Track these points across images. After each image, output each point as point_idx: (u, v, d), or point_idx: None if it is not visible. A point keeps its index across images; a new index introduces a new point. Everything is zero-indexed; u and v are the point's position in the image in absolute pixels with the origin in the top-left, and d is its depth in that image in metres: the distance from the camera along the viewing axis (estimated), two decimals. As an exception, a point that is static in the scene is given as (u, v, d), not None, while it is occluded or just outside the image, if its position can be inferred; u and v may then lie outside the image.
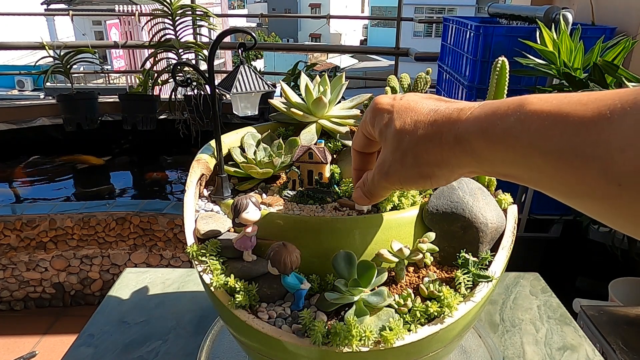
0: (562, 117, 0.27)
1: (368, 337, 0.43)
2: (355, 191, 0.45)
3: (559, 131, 0.27)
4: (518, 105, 0.30)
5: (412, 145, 0.36)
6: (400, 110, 0.38)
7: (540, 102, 0.29)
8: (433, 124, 0.35)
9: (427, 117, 0.36)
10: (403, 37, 3.07)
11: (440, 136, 0.34)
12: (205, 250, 0.51)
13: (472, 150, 0.32)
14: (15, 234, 2.18)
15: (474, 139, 0.32)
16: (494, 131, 0.31)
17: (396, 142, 0.37)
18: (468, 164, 0.34)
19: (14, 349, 2.00)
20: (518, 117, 0.29)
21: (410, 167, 0.37)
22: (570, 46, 1.51)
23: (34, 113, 3.14)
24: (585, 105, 0.27)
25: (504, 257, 0.52)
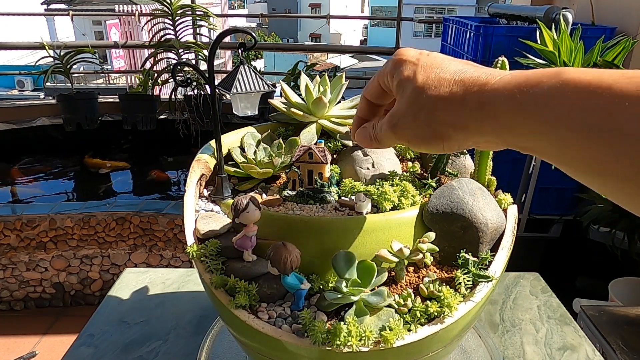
0: (602, 89, 0.25)
1: (368, 337, 0.43)
2: (359, 131, 0.42)
3: (597, 103, 0.25)
4: (554, 73, 0.28)
5: (431, 102, 0.34)
6: (426, 65, 0.36)
7: (578, 72, 0.27)
8: (458, 83, 0.33)
9: (453, 76, 0.34)
10: (403, 37, 3.07)
11: (463, 97, 0.32)
12: (205, 250, 0.51)
13: (496, 116, 0.31)
14: (15, 234, 2.18)
15: (500, 104, 0.30)
16: (524, 98, 0.29)
17: (414, 96, 0.35)
18: (488, 131, 0.32)
19: (14, 349, 2.00)
20: (553, 85, 0.27)
21: (424, 124, 0.35)
22: (570, 46, 1.51)
23: (34, 113, 3.14)
24: (629, 79, 0.25)
25: (504, 257, 0.52)
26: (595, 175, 0.27)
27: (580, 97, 0.26)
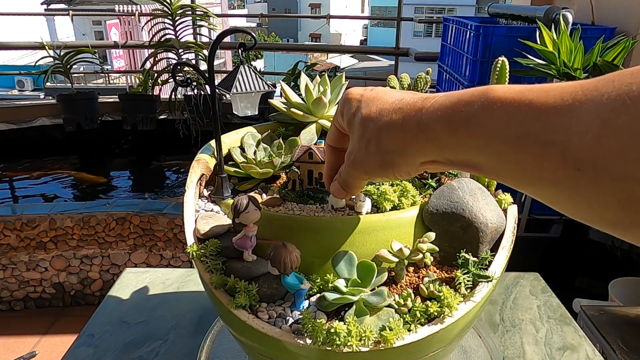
0: (524, 103, 0.27)
1: (368, 337, 0.43)
2: (332, 185, 0.45)
3: (520, 117, 0.27)
4: (482, 93, 0.30)
5: (375, 132, 0.36)
6: (368, 100, 0.38)
7: (503, 89, 0.29)
8: (397, 112, 0.35)
9: (392, 106, 0.36)
10: (403, 37, 3.07)
11: (402, 123, 0.34)
12: (205, 250, 0.51)
13: (435, 137, 0.32)
14: (15, 234, 2.18)
15: (437, 125, 0.32)
16: (458, 118, 0.31)
17: (361, 130, 0.38)
18: (430, 151, 0.34)
19: (14, 349, 2.00)
20: (482, 104, 0.30)
21: (373, 154, 0.37)
22: (570, 46, 1.51)
23: (34, 113, 3.14)
24: (547, 93, 0.27)
25: (504, 257, 0.52)
26: (532, 184, 0.28)
27: (506, 112, 0.28)
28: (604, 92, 0.24)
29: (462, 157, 0.32)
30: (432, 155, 0.34)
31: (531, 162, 0.27)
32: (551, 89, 0.27)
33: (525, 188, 0.29)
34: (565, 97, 0.26)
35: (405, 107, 0.35)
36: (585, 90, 0.25)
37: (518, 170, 0.28)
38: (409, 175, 0.37)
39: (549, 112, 0.26)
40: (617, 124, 0.23)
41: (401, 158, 0.35)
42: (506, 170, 0.30)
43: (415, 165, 0.36)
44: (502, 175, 0.30)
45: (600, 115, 0.24)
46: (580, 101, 0.25)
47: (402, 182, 0.56)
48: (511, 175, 0.30)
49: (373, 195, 0.55)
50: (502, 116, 0.28)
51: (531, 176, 0.28)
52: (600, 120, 0.24)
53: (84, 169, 3.36)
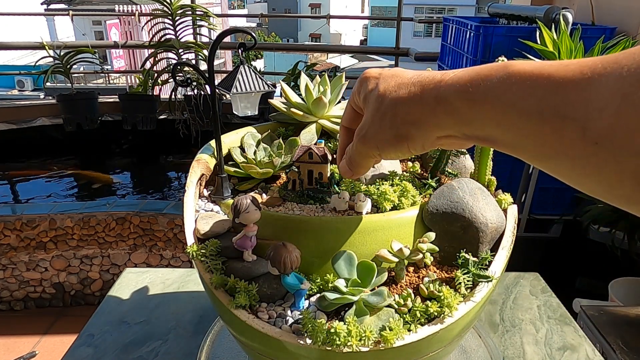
0: (543, 77, 0.27)
1: (368, 337, 0.43)
2: (340, 164, 0.45)
3: (539, 91, 0.27)
4: (502, 67, 0.30)
5: (391, 105, 0.36)
6: (386, 76, 0.38)
7: (522, 64, 0.29)
8: (415, 84, 0.35)
9: (411, 80, 0.36)
10: (403, 37, 3.07)
11: (421, 95, 0.34)
12: (205, 250, 0.51)
13: (453, 109, 0.32)
14: (15, 234, 2.18)
15: (455, 98, 0.32)
16: (476, 91, 0.31)
17: (377, 104, 0.37)
18: (447, 125, 0.34)
19: (14, 349, 2.00)
20: (500, 78, 0.30)
21: (388, 128, 0.36)
22: (570, 46, 1.51)
23: (34, 113, 3.14)
24: (566, 67, 0.27)
25: (504, 257, 0.52)
26: (548, 158, 0.28)
27: (524, 86, 0.28)
28: (624, 65, 0.24)
29: (479, 131, 0.32)
30: (449, 128, 0.34)
31: (550, 136, 0.27)
32: (571, 63, 0.27)
33: (541, 162, 0.29)
34: (585, 70, 0.26)
35: (424, 80, 0.35)
36: (606, 64, 0.25)
37: (536, 144, 0.28)
38: (424, 149, 0.37)
39: (568, 86, 0.26)
40: (637, 99, 0.23)
41: (418, 131, 0.35)
42: (523, 144, 0.29)
43: (431, 139, 0.35)
44: (518, 149, 0.30)
45: (620, 90, 0.23)
46: (600, 74, 0.25)
47: (402, 182, 0.56)
48: (528, 149, 0.29)
49: (373, 195, 0.55)
50: (521, 89, 0.28)
51: (549, 150, 0.28)
52: (621, 95, 0.23)
53: (84, 169, 3.36)
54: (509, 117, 0.29)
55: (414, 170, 0.62)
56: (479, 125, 0.31)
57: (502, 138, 0.31)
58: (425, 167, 0.65)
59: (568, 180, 0.28)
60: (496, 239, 0.54)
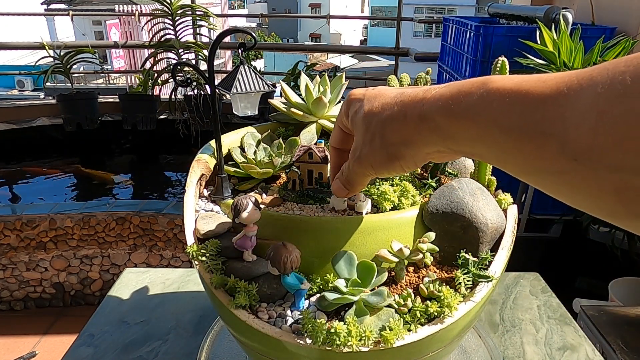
0: (522, 94, 0.28)
1: (368, 337, 0.43)
2: (334, 183, 0.45)
3: (518, 108, 0.28)
4: (482, 83, 0.31)
5: (379, 126, 0.37)
6: (370, 97, 0.39)
7: (502, 80, 0.30)
8: (399, 104, 0.36)
9: (394, 99, 0.36)
10: (403, 37, 3.07)
11: (404, 114, 0.35)
12: (205, 250, 0.51)
13: (437, 127, 0.33)
14: (15, 234, 2.18)
15: (437, 115, 0.32)
16: (458, 108, 0.31)
17: (365, 125, 0.38)
18: (433, 141, 0.34)
19: (14, 349, 2.00)
20: (481, 95, 0.30)
21: (379, 148, 0.37)
22: (570, 46, 1.51)
23: (34, 113, 3.14)
24: (544, 83, 0.27)
25: (504, 257, 0.52)
26: (532, 174, 0.29)
27: (504, 102, 0.29)
28: (599, 82, 0.24)
29: (464, 147, 0.32)
30: (436, 145, 0.34)
31: (531, 152, 0.27)
32: (548, 79, 0.27)
33: (527, 177, 0.30)
34: (561, 86, 0.26)
35: (407, 99, 0.35)
36: (581, 80, 0.25)
37: (518, 160, 0.29)
38: (416, 166, 0.37)
39: (547, 102, 0.26)
40: (612, 116, 0.23)
41: (407, 149, 0.36)
42: (506, 160, 0.30)
43: (422, 155, 0.36)
44: (503, 164, 0.31)
45: (596, 107, 0.24)
46: (576, 91, 0.25)
47: (402, 182, 0.56)
48: (512, 164, 0.30)
49: (373, 195, 0.55)
50: (501, 106, 0.29)
51: (531, 166, 0.28)
52: (596, 112, 0.24)
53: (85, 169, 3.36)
54: (491, 133, 0.29)
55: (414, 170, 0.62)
56: (463, 141, 0.32)
57: (486, 153, 0.31)
58: (425, 167, 0.65)
59: (555, 194, 0.29)
60: (496, 239, 0.54)
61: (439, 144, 0.34)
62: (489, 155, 0.31)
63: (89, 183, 3.19)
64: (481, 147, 0.31)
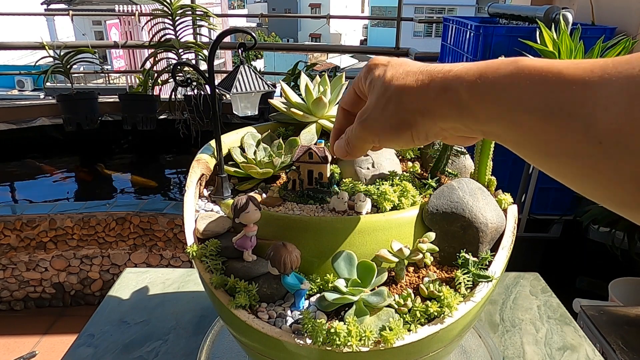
0: (552, 74, 0.27)
1: (368, 337, 0.43)
2: (337, 142, 0.44)
3: (548, 87, 0.27)
4: (511, 61, 0.30)
5: (398, 92, 0.36)
6: (395, 64, 0.38)
7: (533, 60, 0.29)
8: (424, 73, 0.35)
9: (420, 68, 0.36)
10: (403, 37, 3.07)
11: (428, 84, 0.34)
12: (205, 250, 0.51)
13: (459, 100, 0.32)
14: (15, 234, 2.18)
15: (462, 89, 0.32)
16: (484, 84, 0.30)
17: (382, 89, 0.37)
18: (451, 116, 0.33)
19: (14, 349, 2.00)
20: (509, 72, 0.29)
21: (391, 114, 0.36)
22: (570, 46, 1.51)
23: (34, 113, 3.14)
24: (577, 65, 0.27)
25: (504, 257, 0.52)
26: (550, 157, 0.28)
27: (533, 82, 0.28)
28: (636, 66, 0.24)
29: (483, 125, 0.32)
30: (453, 120, 0.33)
31: (553, 134, 0.27)
32: (582, 62, 0.27)
33: (542, 160, 0.29)
34: (596, 69, 0.25)
35: (433, 70, 0.35)
36: (617, 64, 0.25)
37: (539, 141, 0.28)
38: (427, 140, 0.37)
39: (577, 84, 0.26)
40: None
41: (422, 119, 0.35)
42: (526, 141, 0.29)
43: (435, 129, 0.35)
44: (520, 146, 0.30)
45: (629, 90, 0.23)
46: (610, 74, 0.25)
47: (402, 182, 0.56)
48: (530, 146, 0.29)
49: (373, 195, 0.55)
50: (529, 85, 0.28)
51: (552, 148, 0.27)
52: (629, 95, 0.23)
53: (85, 169, 3.36)
54: (515, 113, 0.29)
55: (414, 170, 0.62)
56: (484, 118, 0.31)
57: (505, 134, 0.31)
58: (425, 167, 0.65)
59: (567, 180, 0.28)
60: (496, 239, 0.54)
61: (457, 120, 0.33)
62: (506, 135, 0.30)
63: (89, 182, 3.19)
64: (500, 126, 0.30)
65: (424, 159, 0.66)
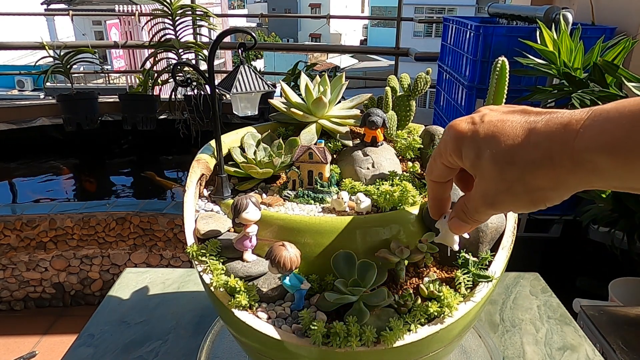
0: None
1: (368, 337, 0.43)
2: (452, 221, 0.42)
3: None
4: (621, 109, 0.27)
5: (518, 174, 0.33)
6: (489, 137, 0.34)
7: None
8: (537, 147, 0.32)
9: (525, 140, 0.32)
10: (403, 37, 3.07)
11: (550, 160, 0.31)
12: (205, 250, 0.51)
13: (598, 169, 0.29)
14: (15, 234, 2.18)
15: (599, 158, 0.29)
16: (626, 145, 0.27)
17: (497, 173, 0.34)
18: (591, 181, 0.31)
19: (14, 349, 2.00)
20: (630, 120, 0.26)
21: (522, 194, 0.34)
22: (571, 46, 1.51)
23: (34, 113, 3.14)
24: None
25: (504, 257, 0.52)
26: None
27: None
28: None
29: (632, 184, 0.29)
30: (595, 184, 0.31)
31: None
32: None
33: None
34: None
35: (544, 140, 0.31)
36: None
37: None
38: (562, 200, 0.34)
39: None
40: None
41: (555, 193, 0.33)
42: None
43: (570, 192, 0.33)
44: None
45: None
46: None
47: (402, 182, 0.56)
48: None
49: (373, 195, 0.55)
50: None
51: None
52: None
53: (84, 169, 3.36)
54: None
55: (414, 170, 0.62)
56: (635, 178, 0.28)
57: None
58: (425, 167, 0.65)
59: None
60: (496, 239, 0.54)
61: (600, 183, 0.30)
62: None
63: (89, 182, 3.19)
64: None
65: (424, 159, 0.66)
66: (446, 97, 2.35)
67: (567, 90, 1.50)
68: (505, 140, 0.33)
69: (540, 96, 1.58)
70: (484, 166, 0.35)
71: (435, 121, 2.57)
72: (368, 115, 0.62)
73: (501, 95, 0.60)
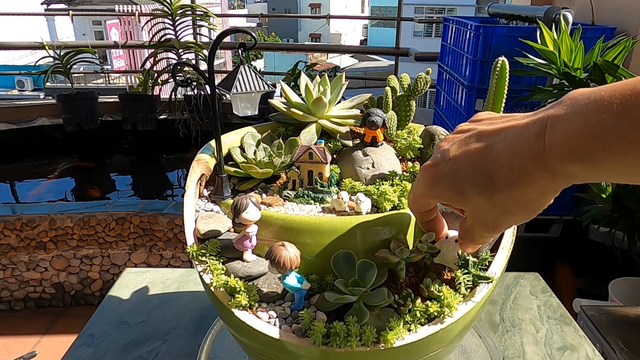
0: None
1: (368, 337, 0.43)
2: (463, 247, 0.45)
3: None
4: (601, 109, 0.28)
5: (506, 196, 0.34)
6: (462, 176, 0.36)
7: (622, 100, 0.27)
8: (511, 169, 0.33)
9: (497, 164, 0.34)
10: (403, 37, 3.07)
11: (529, 175, 0.32)
12: (205, 250, 0.51)
13: (575, 175, 0.31)
14: (15, 234, 2.18)
15: (573, 167, 0.30)
16: (593, 154, 0.29)
17: (487, 202, 0.35)
18: (574, 181, 0.32)
19: (14, 349, 2.00)
20: (611, 126, 0.27)
21: (518, 211, 0.35)
22: (571, 46, 1.51)
23: (34, 113, 3.14)
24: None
25: (504, 257, 0.52)
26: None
27: (635, 117, 0.27)
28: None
29: (608, 178, 0.30)
30: (577, 181, 0.32)
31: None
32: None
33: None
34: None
35: (515, 159, 0.33)
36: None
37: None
38: (558, 194, 0.36)
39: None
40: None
41: (545, 199, 0.34)
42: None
43: (563, 187, 0.34)
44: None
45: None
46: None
47: (402, 182, 0.56)
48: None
49: (373, 195, 0.55)
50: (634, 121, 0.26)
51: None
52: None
53: (84, 169, 3.36)
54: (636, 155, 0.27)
55: (414, 170, 0.62)
56: (607, 175, 0.30)
57: (633, 177, 0.29)
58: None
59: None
60: (496, 239, 0.54)
61: (581, 181, 0.32)
62: (634, 177, 0.29)
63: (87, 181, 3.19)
64: (628, 173, 0.29)
65: (424, 159, 0.66)
66: (446, 97, 2.35)
67: (568, 90, 1.50)
68: (479, 172, 0.35)
69: (540, 96, 1.58)
70: (472, 201, 0.36)
71: (435, 121, 2.57)
72: (368, 115, 0.62)
73: (501, 95, 0.60)
